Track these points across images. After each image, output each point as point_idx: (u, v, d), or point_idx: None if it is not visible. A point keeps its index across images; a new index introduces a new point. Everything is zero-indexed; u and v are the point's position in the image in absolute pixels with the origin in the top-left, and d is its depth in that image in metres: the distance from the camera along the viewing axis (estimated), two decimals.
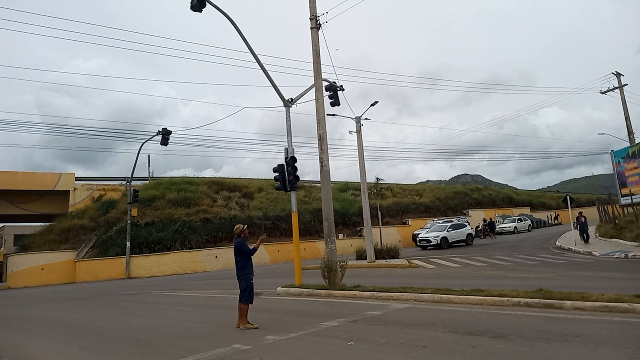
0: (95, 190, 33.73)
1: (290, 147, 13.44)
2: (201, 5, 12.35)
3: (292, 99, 14.50)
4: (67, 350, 6.90)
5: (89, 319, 10.08)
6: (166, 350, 6.16)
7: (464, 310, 7.82)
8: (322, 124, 13.84)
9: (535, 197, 56.56)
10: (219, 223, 30.85)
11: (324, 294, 11.10)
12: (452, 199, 45.34)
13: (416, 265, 18.75)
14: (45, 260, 26.69)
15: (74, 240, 28.64)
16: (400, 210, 40.18)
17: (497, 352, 4.97)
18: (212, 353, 5.77)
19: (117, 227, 28.90)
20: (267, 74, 13.74)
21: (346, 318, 7.66)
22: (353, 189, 40.84)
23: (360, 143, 22.81)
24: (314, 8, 14.23)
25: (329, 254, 12.76)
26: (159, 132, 25.44)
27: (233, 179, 40.18)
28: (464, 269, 16.22)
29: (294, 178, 13.14)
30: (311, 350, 5.66)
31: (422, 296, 9.18)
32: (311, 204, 35.13)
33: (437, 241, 28.06)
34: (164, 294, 15.26)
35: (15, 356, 6.65)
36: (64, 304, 14.43)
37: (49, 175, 32.52)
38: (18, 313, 12.58)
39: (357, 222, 35.85)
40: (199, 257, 29.00)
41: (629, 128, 28.19)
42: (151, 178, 38.78)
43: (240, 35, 13.06)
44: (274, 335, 6.58)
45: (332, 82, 16.10)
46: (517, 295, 8.09)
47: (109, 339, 7.41)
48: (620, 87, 28.94)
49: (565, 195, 23.56)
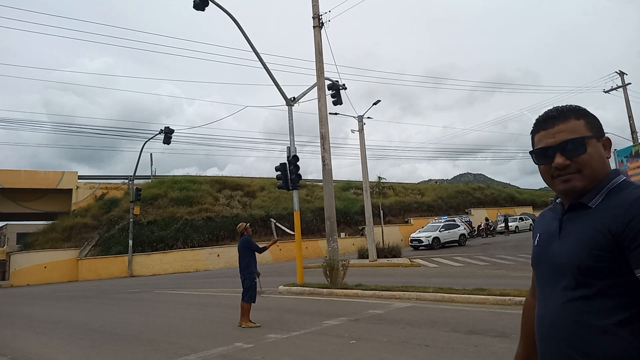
0: (98, 189, 33.77)
1: (293, 145, 13.44)
2: (204, 4, 12.35)
3: (294, 98, 14.51)
4: (70, 348, 6.92)
5: (91, 317, 10.11)
6: (169, 349, 6.18)
7: (466, 309, 7.82)
8: (324, 122, 13.84)
9: (537, 197, 56.35)
10: (221, 222, 30.88)
11: (325, 293, 11.12)
12: (454, 198, 45.24)
13: (418, 264, 18.73)
14: (48, 259, 26.76)
15: (76, 239, 28.72)
16: (403, 210, 40.13)
17: (499, 352, 4.96)
18: (214, 351, 5.78)
19: (119, 225, 28.96)
20: (270, 72, 13.74)
21: (348, 317, 7.67)
22: (355, 188, 40.81)
23: (363, 142, 22.80)
24: (316, 7, 14.21)
25: (331, 253, 12.76)
26: (162, 130, 25.43)
27: (235, 178, 40.20)
28: (465, 268, 16.21)
29: (296, 177, 13.15)
30: (313, 349, 5.67)
31: (424, 295, 9.18)
32: (313, 203, 35.12)
33: (428, 241, 27.50)
34: (166, 292, 15.29)
35: (18, 354, 6.68)
36: (66, 302, 14.48)
37: (51, 173, 32.59)
38: (21, 311, 12.63)
39: (359, 221, 35.82)
40: (201, 255, 29.05)
41: (632, 127, 28.05)
42: (154, 176, 38.84)
43: (243, 34, 13.07)
44: (276, 334, 6.59)
45: (335, 80, 16.09)
46: (519, 294, 8.07)
47: (112, 337, 7.43)
48: (624, 86, 28.81)
49: None
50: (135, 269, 27.14)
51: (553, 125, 1.24)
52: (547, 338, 1.22)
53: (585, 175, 1.19)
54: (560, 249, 1.21)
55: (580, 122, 1.23)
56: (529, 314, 1.43)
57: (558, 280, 1.20)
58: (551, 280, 1.23)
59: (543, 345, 1.25)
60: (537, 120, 1.30)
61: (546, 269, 1.26)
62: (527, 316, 1.46)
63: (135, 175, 29.86)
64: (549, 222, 1.33)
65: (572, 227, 1.21)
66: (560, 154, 1.20)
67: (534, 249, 1.35)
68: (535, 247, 1.35)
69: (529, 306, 1.46)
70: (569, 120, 1.23)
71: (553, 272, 1.22)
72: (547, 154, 1.24)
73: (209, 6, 12.50)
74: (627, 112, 28.44)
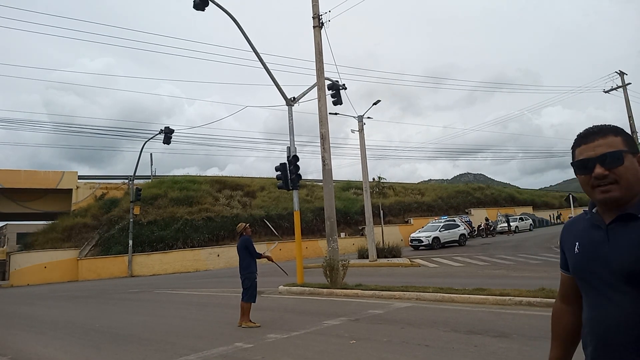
0: (98, 189, 33.76)
1: (293, 145, 13.44)
2: (204, 4, 12.35)
3: (294, 98, 14.50)
4: (70, 348, 6.93)
5: (91, 317, 10.11)
6: (168, 349, 6.18)
7: (466, 309, 7.82)
8: (324, 122, 13.84)
9: (537, 196, 56.41)
10: (221, 222, 30.89)
11: (325, 293, 11.12)
12: (454, 198, 45.26)
13: (418, 264, 18.74)
14: (48, 259, 26.76)
15: (76, 239, 28.72)
16: (403, 210, 40.14)
17: (498, 352, 4.96)
18: (214, 351, 5.78)
19: (119, 225, 28.96)
20: (270, 72, 13.74)
21: (348, 317, 7.67)
22: (355, 188, 40.81)
23: (363, 142, 22.81)
24: (316, 7, 14.21)
25: (331, 253, 12.76)
26: (162, 130, 25.41)
27: (235, 178, 40.20)
28: (465, 268, 16.21)
29: (296, 177, 13.15)
30: (313, 349, 5.67)
31: (424, 295, 9.18)
32: (313, 203, 35.12)
33: (428, 241, 27.59)
34: (166, 292, 15.29)
35: (18, 354, 6.68)
36: (66, 302, 14.48)
37: (51, 173, 32.59)
38: (21, 311, 12.63)
39: (359, 221, 35.82)
40: (201, 255, 29.05)
41: (632, 127, 28.03)
42: (154, 176, 38.82)
43: (243, 34, 13.06)
44: (276, 334, 6.59)
45: (335, 80, 16.08)
46: (519, 294, 8.08)
47: (112, 337, 7.43)
48: (624, 86, 28.80)
49: (568, 195, 23.52)
50: (135, 269, 27.14)
51: (593, 140, 1.37)
52: (610, 341, 1.29)
53: (621, 186, 1.31)
54: (614, 256, 1.30)
55: (618, 139, 1.36)
56: (561, 318, 1.57)
57: (615, 286, 1.29)
58: (606, 286, 1.32)
59: (601, 348, 1.32)
60: (579, 136, 1.43)
61: (598, 275, 1.34)
62: (559, 321, 1.58)
63: (135, 175, 29.86)
64: (587, 231, 1.42)
65: (624, 236, 1.30)
66: (600, 165, 1.33)
67: (577, 256, 1.43)
68: (577, 254, 1.43)
69: (560, 310, 1.59)
70: (608, 136, 1.36)
71: (608, 278, 1.31)
72: (587, 166, 1.36)
73: (209, 6, 12.50)
74: (627, 112, 28.42)
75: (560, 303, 1.60)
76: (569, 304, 1.56)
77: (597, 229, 1.38)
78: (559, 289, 1.62)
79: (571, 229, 1.51)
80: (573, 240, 1.46)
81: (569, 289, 1.56)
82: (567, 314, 1.55)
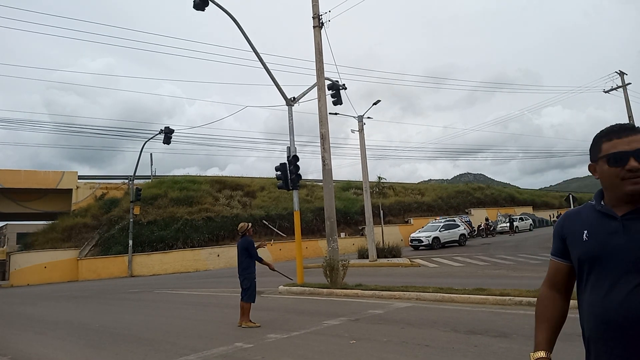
0: (98, 189, 33.76)
1: (293, 145, 13.44)
2: (204, 4, 12.34)
3: (294, 98, 14.50)
4: (70, 348, 6.93)
5: (91, 317, 10.12)
6: (169, 349, 6.18)
7: (466, 309, 7.82)
8: (324, 122, 13.83)
9: (537, 197, 56.43)
10: (221, 222, 30.89)
11: (325, 293, 11.12)
12: (454, 198, 45.26)
13: (418, 264, 18.74)
14: (48, 259, 26.76)
15: (76, 239, 28.72)
16: (403, 210, 40.13)
17: (499, 352, 4.96)
18: (214, 351, 5.78)
19: (119, 225, 28.96)
20: (270, 72, 13.74)
21: (348, 317, 7.67)
22: (355, 188, 40.81)
23: (363, 142, 22.80)
24: (316, 7, 14.20)
25: (331, 253, 12.76)
26: (162, 130, 25.41)
27: (235, 178, 40.19)
28: (466, 268, 16.21)
29: (296, 177, 13.15)
30: (313, 349, 5.66)
31: (424, 295, 9.18)
32: (313, 203, 35.12)
33: (428, 241, 27.58)
34: (166, 292, 15.29)
35: (18, 354, 6.68)
36: (66, 302, 14.48)
37: (51, 173, 32.59)
38: (21, 311, 12.63)
39: (359, 221, 35.81)
40: (201, 255, 29.05)
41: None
42: (154, 177, 38.82)
43: (243, 34, 13.06)
44: (276, 334, 6.59)
45: (335, 80, 16.08)
46: (519, 294, 8.08)
47: (112, 337, 7.43)
48: (624, 86, 28.79)
49: (568, 195, 23.50)
50: (135, 269, 27.14)
51: (628, 135, 1.45)
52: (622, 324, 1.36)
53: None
54: (632, 245, 1.39)
55: None
56: (550, 304, 1.65)
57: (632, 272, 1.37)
58: (621, 272, 1.40)
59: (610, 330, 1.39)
60: (611, 131, 1.50)
61: (613, 262, 1.42)
62: (549, 306, 1.66)
63: (135, 175, 29.86)
64: (598, 220, 1.50)
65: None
66: (634, 159, 1.41)
67: (586, 244, 1.50)
68: (587, 242, 1.50)
69: (551, 297, 1.66)
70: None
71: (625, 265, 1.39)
72: (621, 158, 1.43)
73: (209, 6, 12.50)
74: (627, 112, 28.42)
75: (549, 290, 1.67)
76: (558, 291, 1.64)
77: (610, 219, 1.46)
78: (548, 276, 1.68)
79: (575, 219, 1.58)
80: (580, 229, 1.53)
81: (560, 277, 1.63)
82: (558, 300, 1.64)
